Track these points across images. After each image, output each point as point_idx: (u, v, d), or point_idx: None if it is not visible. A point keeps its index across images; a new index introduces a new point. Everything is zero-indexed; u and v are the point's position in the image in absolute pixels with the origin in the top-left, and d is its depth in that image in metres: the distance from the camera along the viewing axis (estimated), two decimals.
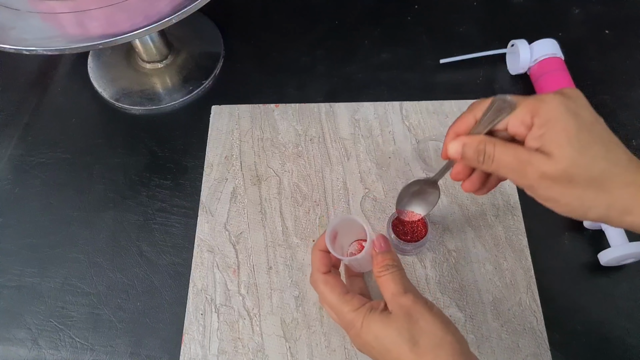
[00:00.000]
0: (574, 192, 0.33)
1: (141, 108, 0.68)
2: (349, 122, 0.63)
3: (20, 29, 0.51)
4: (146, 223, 0.59)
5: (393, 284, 0.39)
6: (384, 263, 0.40)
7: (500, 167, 0.35)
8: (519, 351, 0.48)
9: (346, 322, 0.39)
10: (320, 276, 0.41)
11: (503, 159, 0.35)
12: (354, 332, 0.39)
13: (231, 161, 0.61)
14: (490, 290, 0.51)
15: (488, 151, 0.35)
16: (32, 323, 0.54)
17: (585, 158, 0.32)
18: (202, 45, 0.73)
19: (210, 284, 0.54)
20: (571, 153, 0.32)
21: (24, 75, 0.73)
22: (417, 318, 0.36)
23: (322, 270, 0.42)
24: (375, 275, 0.41)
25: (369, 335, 0.37)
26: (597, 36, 0.68)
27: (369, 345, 0.38)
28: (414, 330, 0.36)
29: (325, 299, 0.41)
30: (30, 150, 0.65)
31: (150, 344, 0.52)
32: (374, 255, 0.41)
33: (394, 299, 0.38)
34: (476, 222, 0.55)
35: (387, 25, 0.72)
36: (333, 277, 0.41)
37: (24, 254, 0.58)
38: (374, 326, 0.37)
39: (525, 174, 0.34)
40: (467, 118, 0.37)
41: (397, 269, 0.40)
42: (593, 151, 0.32)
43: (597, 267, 0.52)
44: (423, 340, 0.35)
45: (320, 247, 0.42)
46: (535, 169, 0.33)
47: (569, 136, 0.32)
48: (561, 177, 0.32)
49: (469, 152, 0.36)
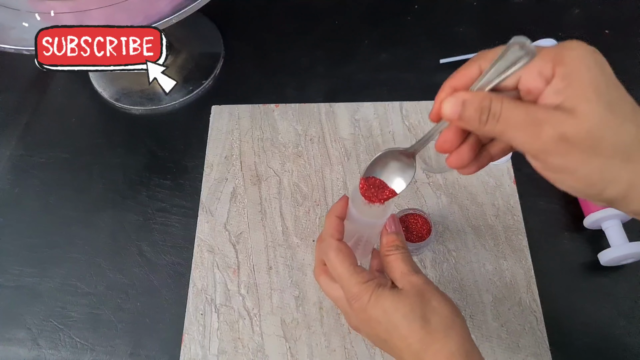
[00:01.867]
0: (596, 160, 0.27)
1: (141, 108, 0.68)
2: (349, 122, 0.63)
3: (20, 29, 0.51)
4: (146, 223, 0.59)
5: (402, 263, 0.38)
6: (394, 243, 0.39)
7: (508, 128, 0.28)
8: (519, 351, 0.48)
9: (352, 294, 0.37)
10: (334, 242, 0.38)
11: (512, 117, 0.28)
12: (358, 306, 0.37)
13: (231, 161, 0.61)
14: (490, 290, 0.51)
15: (494, 108, 0.28)
16: (32, 323, 0.54)
17: (615, 118, 0.27)
18: (202, 45, 0.73)
19: (210, 284, 0.54)
20: (600, 111, 0.26)
21: (24, 75, 0.73)
22: (430, 297, 0.36)
23: (336, 237, 0.39)
24: (383, 254, 0.39)
25: (377, 310, 0.36)
26: (597, 36, 0.68)
27: (375, 321, 0.36)
28: (426, 309, 0.35)
29: (335, 267, 0.38)
30: (30, 150, 0.65)
31: (150, 344, 0.52)
32: (384, 234, 0.40)
33: (405, 277, 0.37)
34: (476, 222, 0.55)
35: (386, 26, 0.72)
36: (346, 246, 0.39)
37: (23, 254, 0.58)
38: (384, 301, 0.36)
39: (539, 135, 0.27)
40: (470, 68, 0.31)
41: (406, 250, 0.39)
42: (624, 112, 0.27)
43: (597, 267, 0.52)
44: (434, 319, 0.35)
45: (337, 213, 0.39)
46: (554, 128, 0.27)
47: (599, 91, 0.27)
48: (585, 139, 0.26)
49: (469, 111, 0.29)
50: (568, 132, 0.26)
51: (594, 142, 0.26)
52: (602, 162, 0.27)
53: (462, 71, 0.31)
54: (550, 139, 0.27)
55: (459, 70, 0.31)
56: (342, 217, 0.40)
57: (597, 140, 0.26)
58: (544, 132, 0.27)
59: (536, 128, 0.27)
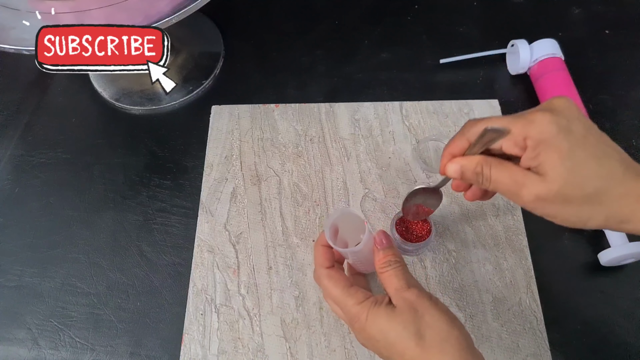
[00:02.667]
0: (570, 209, 0.34)
1: (141, 108, 0.68)
2: (349, 122, 0.63)
3: (20, 29, 0.51)
4: (146, 223, 0.59)
5: (396, 279, 0.39)
6: (386, 259, 0.40)
7: (498, 188, 0.37)
8: (519, 351, 0.48)
9: (351, 316, 0.39)
10: (324, 271, 0.41)
11: (499, 181, 0.36)
12: (358, 326, 0.38)
13: (231, 161, 0.61)
14: (490, 290, 0.51)
15: (485, 173, 0.37)
16: (32, 323, 0.54)
17: (578, 177, 0.33)
18: (202, 45, 0.73)
19: (210, 284, 0.54)
20: (564, 174, 0.33)
21: (24, 75, 0.73)
22: (423, 312, 0.36)
23: (325, 265, 0.42)
24: (378, 272, 0.40)
25: (374, 329, 0.37)
26: (597, 36, 0.68)
27: (374, 339, 0.37)
28: (419, 324, 0.36)
29: (330, 293, 0.40)
30: (30, 150, 0.65)
31: (150, 344, 0.52)
32: (375, 252, 0.41)
33: (398, 294, 0.38)
34: (476, 222, 0.55)
35: (387, 25, 0.72)
36: (336, 271, 0.41)
37: (24, 254, 0.58)
38: (378, 320, 0.37)
39: (520, 196, 0.35)
40: (460, 141, 0.38)
41: (400, 264, 0.40)
42: (586, 169, 0.33)
43: (597, 267, 0.52)
44: (429, 334, 0.35)
45: (322, 243, 0.42)
46: (530, 191, 0.34)
47: (562, 156, 0.33)
48: (555, 197, 0.33)
49: (467, 174, 0.38)
50: (541, 193, 0.34)
51: (563, 198, 0.33)
52: (575, 210, 0.34)
53: (455, 142, 0.39)
54: (529, 199, 0.34)
55: (452, 141, 0.39)
56: (327, 245, 0.42)
57: (566, 197, 0.33)
58: (524, 194, 0.34)
59: (519, 189, 0.35)
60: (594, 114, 0.60)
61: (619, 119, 0.61)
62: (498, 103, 0.62)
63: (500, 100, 0.63)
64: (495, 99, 0.63)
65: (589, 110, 0.59)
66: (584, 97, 0.59)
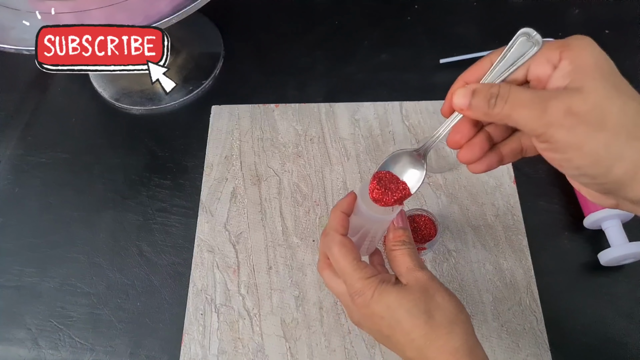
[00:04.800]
0: (602, 135, 0.27)
1: (141, 108, 0.68)
2: (349, 122, 0.63)
3: (20, 29, 0.51)
4: (146, 223, 0.59)
5: (409, 258, 0.38)
6: (401, 238, 0.39)
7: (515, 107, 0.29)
8: (519, 351, 0.48)
9: (354, 290, 0.37)
10: (337, 237, 0.38)
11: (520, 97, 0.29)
12: (362, 301, 0.36)
13: (231, 161, 0.61)
14: (490, 290, 0.51)
15: (502, 92, 0.30)
16: (32, 323, 0.54)
17: (620, 96, 0.28)
18: (202, 45, 0.73)
19: (210, 284, 0.54)
20: (606, 87, 0.28)
21: (24, 75, 0.73)
22: (434, 293, 0.36)
23: (340, 232, 0.38)
24: (389, 249, 0.39)
25: (380, 305, 0.36)
26: (597, 36, 0.68)
27: (377, 317, 0.36)
28: (430, 304, 0.35)
29: (338, 261, 0.38)
30: (30, 150, 0.65)
31: (150, 344, 0.52)
32: (392, 229, 0.39)
33: (410, 273, 0.37)
34: (476, 222, 0.55)
35: (386, 26, 0.72)
36: (349, 241, 0.38)
37: (23, 254, 0.58)
38: (387, 296, 0.36)
39: (545, 110, 0.28)
40: (482, 63, 0.33)
41: (413, 246, 0.39)
42: (628, 92, 0.29)
43: (597, 267, 0.52)
44: (438, 314, 0.35)
45: (342, 209, 0.39)
46: (561, 102, 0.28)
47: (604, 72, 0.28)
48: (591, 113, 0.27)
49: (478, 98, 0.31)
50: (574, 106, 0.27)
51: (600, 115, 0.27)
52: (608, 137, 0.27)
53: (475, 66, 0.33)
54: (557, 112, 0.28)
55: (473, 66, 0.33)
56: (347, 213, 0.39)
57: (603, 114, 0.27)
58: (551, 106, 0.28)
59: (543, 104, 0.28)
60: None
61: None
62: None
63: None
64: None
65: None
66: None
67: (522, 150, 0.35)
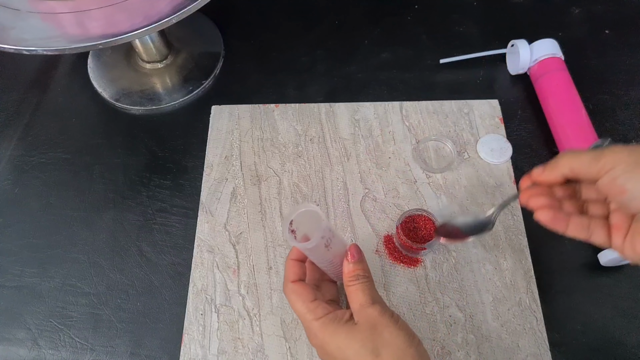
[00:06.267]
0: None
1: (141, 108, 0.68)
2: (349, 122, 0.63)
3: (20, 29, 0.51)
4: (146, 223, 0.59)
5: (362, 294, 0.39)
6: (355, 273, 0.40)
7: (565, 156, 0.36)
8: (519, 351, 0.48)
9: (309, 331, 0.40)
10: (289, 284, 0.42)
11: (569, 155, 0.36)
12: (316, 342, 0.39)
13: (231, 161, 0.61)
14: (490, 290, 0.51)
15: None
16: (32, 323, 0.54)
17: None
18: (202, 45, 0.73)
19: (210, 284, 0.54)
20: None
21: (24, 75, 0.73)
22: (382, 330, 0.37)
23: (291, 279, 0.42)
24: (345, 284, 0.41)
25: (332, 346, 0.38)
26: (597, 36, 0.68)
27: (331, 356, 0.38)
28: (377, 342, 0.36)
29: (293, 306, 0.41)
30: (30, 150, 0.65)
31: (150, 344, 0.52)
32: (345, 264, 0.41)
33: (362, 310, 0.38)
34: None
35: (387, 25, 0.72)
36: (300, 285, 0.42)
37: (24, 254, 0.58)
38: (337, 337, 0.38)
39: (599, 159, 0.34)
40: (550, 172, 0.38)
41: (367, 279, 0.40)
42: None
43: (597, 267, 0.52)
44: (385, 351, 0.36)
45: (293, 257, 0.43)
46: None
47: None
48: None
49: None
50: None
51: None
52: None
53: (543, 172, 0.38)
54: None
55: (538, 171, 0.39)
56: (298, 259, 0.43)
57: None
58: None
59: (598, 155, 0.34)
60: (594, 114, 0.60)
61: (618, 118, 0.61)
62: (498, 103, 0.62)
63: (500, 100, 0.63)
64: (495, 99, 0.63)
65: (589, 110, 0.59)
66: (584, 97, 0.59)
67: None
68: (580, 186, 0.39)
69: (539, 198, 0.38)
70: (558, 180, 0.37)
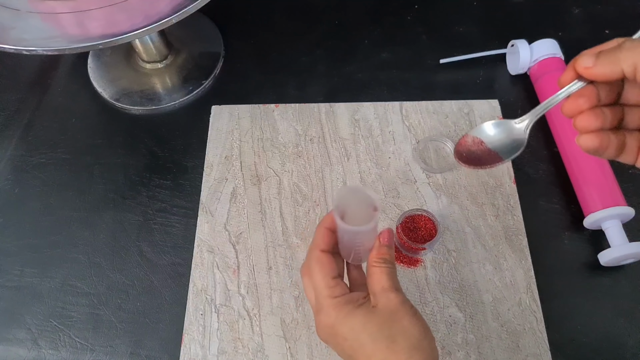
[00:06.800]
0: None
1: (141, 108, 0.68)
2: (349, 122, 0.63)
3: (20, 29, 0.51)
4: (146, 223, 0.59)
5: (386, 277, 0.37)
6: (383, 256, 0.38)
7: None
8: (519, 351, 0.48)
9: (320, 307, 0.37)
10: (316, 252, 0.38)
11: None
12: (327, 320, 0.37)
13: (231, 161, 0.61)
14: (490, 290, 0.51)
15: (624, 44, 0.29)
16: (32, 323, 0.54)
17: None
18: (202, 45, 0.73)
19: (210, 284, 0.54)
20: None
21: (24, 75, 0.73)
22: (401, 317, 0.36)
23: (320, 247, 0.39)
24: (370, 264, 0.39)
25: (344, 327, 0.36)
26: (597, 36, 0.68)
27: (341, 337, 0.36)
28: (395, 328, 0.35)
29: (313, 276, 0.38)
30: (30, 150, 0.65)
31: (150, 344, 0.52)
32: (376, 245, 0.39)
33: (383, 293, 0.37)
34: (476, 222, 0.55)
35: (387, 25, 0.72)
36: (328, 257, 0.38)
37: (24, 254, 0.58)
38: (352, 318, 0.36)
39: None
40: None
41: (393, 266, 0.39)
42: None
43: (597, 267, 0.52)
44: (401, 339, 0.35)
45: (326, 225, 0.39)
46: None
47: None
48: None
49: (604, 56, 0.32)
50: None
51: None
52: None
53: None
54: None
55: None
56: (331, 228, 0.39)
57: None
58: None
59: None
60: None
61: None
62: (498, 103, 0.62)
63: (500, 100, 0.63)
64: (495, 99, 0.63)
65: None
66: None
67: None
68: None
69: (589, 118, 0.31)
70: (613, 78, 0.31)
